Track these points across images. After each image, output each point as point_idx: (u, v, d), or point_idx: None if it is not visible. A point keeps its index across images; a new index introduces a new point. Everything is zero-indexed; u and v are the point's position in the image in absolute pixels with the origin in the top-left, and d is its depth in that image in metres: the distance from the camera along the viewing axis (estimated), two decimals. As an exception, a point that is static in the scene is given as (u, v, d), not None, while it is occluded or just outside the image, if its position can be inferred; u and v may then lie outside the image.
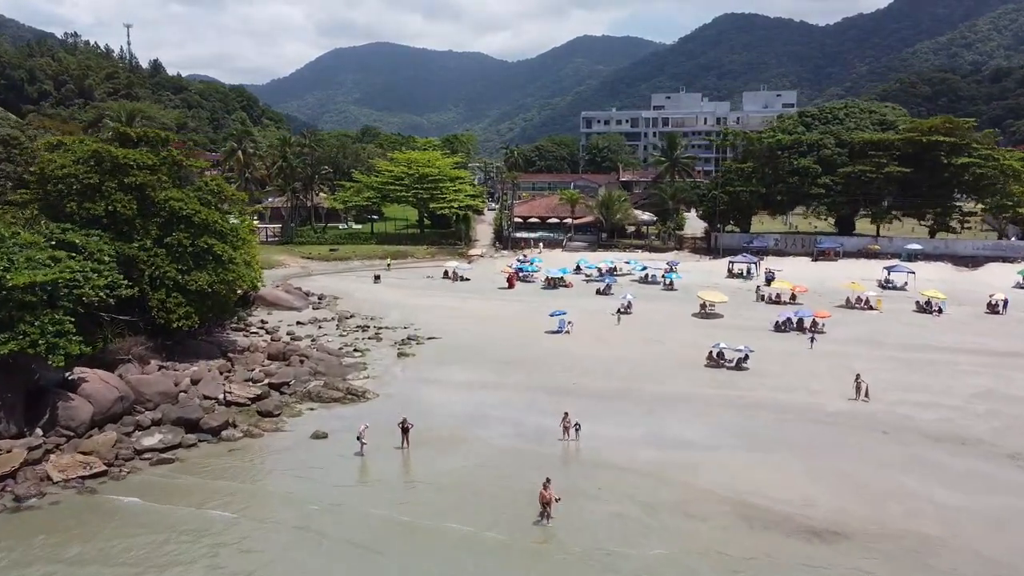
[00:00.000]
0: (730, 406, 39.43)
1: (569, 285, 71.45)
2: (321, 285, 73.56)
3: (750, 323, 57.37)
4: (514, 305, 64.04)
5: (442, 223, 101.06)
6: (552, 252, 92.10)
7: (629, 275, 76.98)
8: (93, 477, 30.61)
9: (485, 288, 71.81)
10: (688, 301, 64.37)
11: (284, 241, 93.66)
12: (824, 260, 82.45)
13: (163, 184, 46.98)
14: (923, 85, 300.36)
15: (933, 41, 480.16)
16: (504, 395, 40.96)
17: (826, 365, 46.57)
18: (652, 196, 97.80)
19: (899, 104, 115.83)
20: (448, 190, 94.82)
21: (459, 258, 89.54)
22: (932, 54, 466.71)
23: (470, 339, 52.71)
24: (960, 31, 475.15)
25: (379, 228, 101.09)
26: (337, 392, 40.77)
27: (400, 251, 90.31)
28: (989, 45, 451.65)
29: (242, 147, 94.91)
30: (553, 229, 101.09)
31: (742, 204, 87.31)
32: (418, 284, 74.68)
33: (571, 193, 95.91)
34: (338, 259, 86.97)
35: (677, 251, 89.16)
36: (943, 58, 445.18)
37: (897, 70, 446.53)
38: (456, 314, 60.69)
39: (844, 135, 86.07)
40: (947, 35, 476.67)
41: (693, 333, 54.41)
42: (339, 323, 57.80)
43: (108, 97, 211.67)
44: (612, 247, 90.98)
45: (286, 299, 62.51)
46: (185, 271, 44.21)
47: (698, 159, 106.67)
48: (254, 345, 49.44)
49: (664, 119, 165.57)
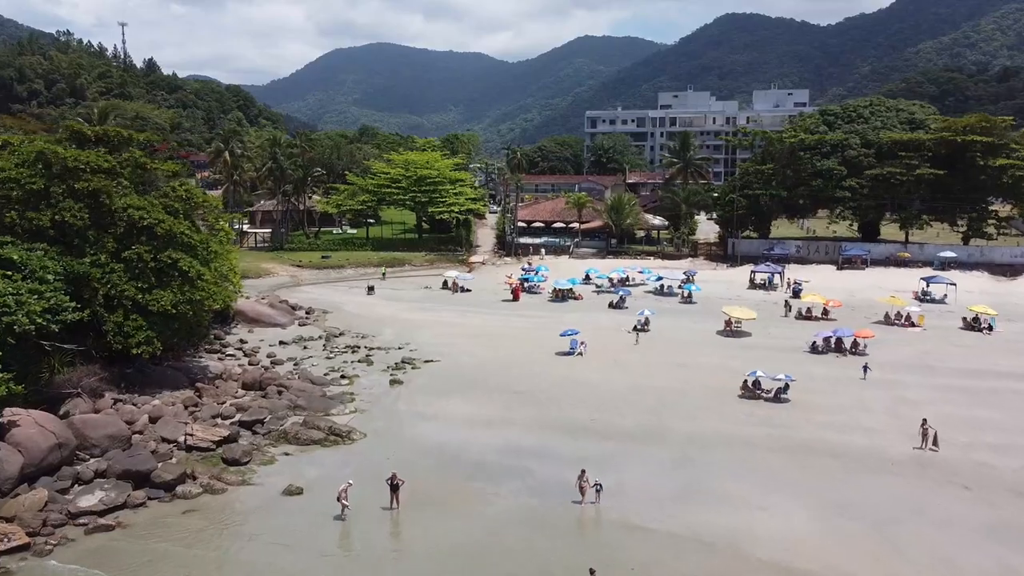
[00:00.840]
0: (776, 450, 33.59)
1: (579, 297, 65.53)
2: (310, 297, 67.67)
3: (781, 343, 51.45)
4: (520, 321, 58.13)
5: (442, 228, 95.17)
6: (558, 259, 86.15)
7: (642, 285, 71.05)
8: (10, 552, 24.77)
9: (488, 300, 65.90)
10: (710, 316, 58.50)
11: (274, 247, 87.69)
12: (850, 269, 76.54)
13: (122, 190, 41.14)
14: (929, 85, 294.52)
15: (936, 41, 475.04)
16: (512, 435, 35.10)
17: (876, 396, 40.68)
18: (664, 199, 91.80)
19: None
20: (448, 193, 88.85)
21: (459, 266, 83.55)
22: (935, 54, 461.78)
23: (472, 363, 46.81)
24: (963, 31, 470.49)
25: (375, 233, 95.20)
26: (318, 432, 34.87)
27: (397, 258, 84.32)
28: (992, 45, 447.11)
29: (229, 148, 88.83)
30: (558, 234, 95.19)
31: (761, 208, 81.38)
32: (415, 296, 68.75)
33: (578, 196, 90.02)
34: (330, 267, 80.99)
35: (692, 258, 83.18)
36: (946, 58, 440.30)
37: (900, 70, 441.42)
38: (456, 331, 54.79)
39: (870, 135, 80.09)
40: (950, 35, 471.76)
41: (720, 355, 48.50)
42: (327, 342, 51.92)
43: (100, 97, 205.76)
44: (622, 253, 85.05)
45: (269, 315, 56.61)
46: (146, 289, 38.45)
47: (709, 160, 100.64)
48: (228, 372, 43.53)
49: (672, 119, 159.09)
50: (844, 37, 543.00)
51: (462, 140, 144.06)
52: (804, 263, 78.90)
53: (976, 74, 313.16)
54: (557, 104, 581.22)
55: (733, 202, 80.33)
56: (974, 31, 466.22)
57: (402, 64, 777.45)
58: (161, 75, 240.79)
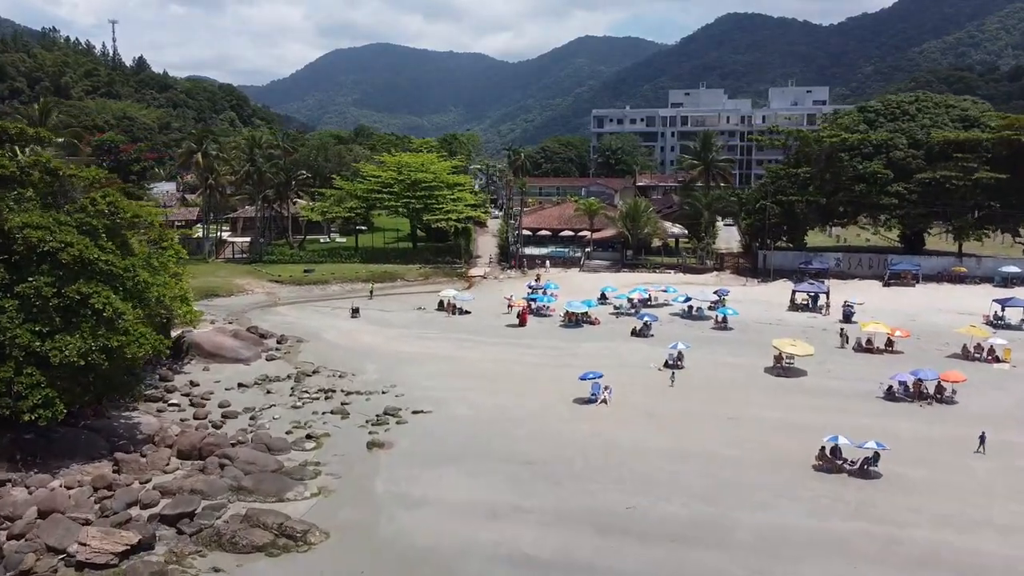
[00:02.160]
0: (887, 560, 24.30)
1: (595, 322, 56.07)
2: (286, 321, 58.30)
3: (846, 385, 42.08)
4: (529, 353, 48.69)
5: (439, 236, 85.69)
6: (567, 272, 76.80)
7: (666, 306, 61.74)
8: None
9: (490, 326, 56.51)
10: (751, 347, 49.25)
11: (252, 259, 78.22)
12: (898, 285, 67.24)
13: (21, 205, 31.83)
14: (939, 84, 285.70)
15: (940, 41, 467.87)
16: (525, 535, 25.81)
17: (991, 468, 31.30)
18: (683, 205, 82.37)
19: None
20: (445, 199, 79.35)
21: (457, 280, 74.28)
22: (940, 54, 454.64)
23: (471, 415, 37.47)
24: (967, 30, 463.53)
25: (366, 242, 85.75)
26: (263, 532, 25.56)
27: (387, 272, 74.86)
28: (998, 44, 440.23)
29: (202, 148, 79.29)
30: (566, 243, 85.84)
31: (796, 217, 72.00)
32: (406, 319, 59.29)
33: (590, 202, 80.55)
34: (313, 283, 71.51)
35: (717, 272, 73.83)
36: (951, 58, 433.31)
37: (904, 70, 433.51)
38: (453, 368, 45.43)
39: (918, 134, 70.64)
40: (954, 34, 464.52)
41: (777, 403, 39.15)
42: (296, 384, 42.56)
43: (86, 95, 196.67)
44: (638, 266, 75.68)
45: (231, 347, 47.22)
46: (46, 334, 29.20)
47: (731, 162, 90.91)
48: (163, 432, 34.13)
49: (683, 118, 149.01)
50: (847, 37, 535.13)
51: (461, 140, 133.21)
52: (844, 278, 69.56)
53: (986, 72, 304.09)
54: (558, 105, 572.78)
55: (765, 209, 70.90)
56: (979, 30, 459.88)
57: (402, 65, 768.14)
58: (151, 73, 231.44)
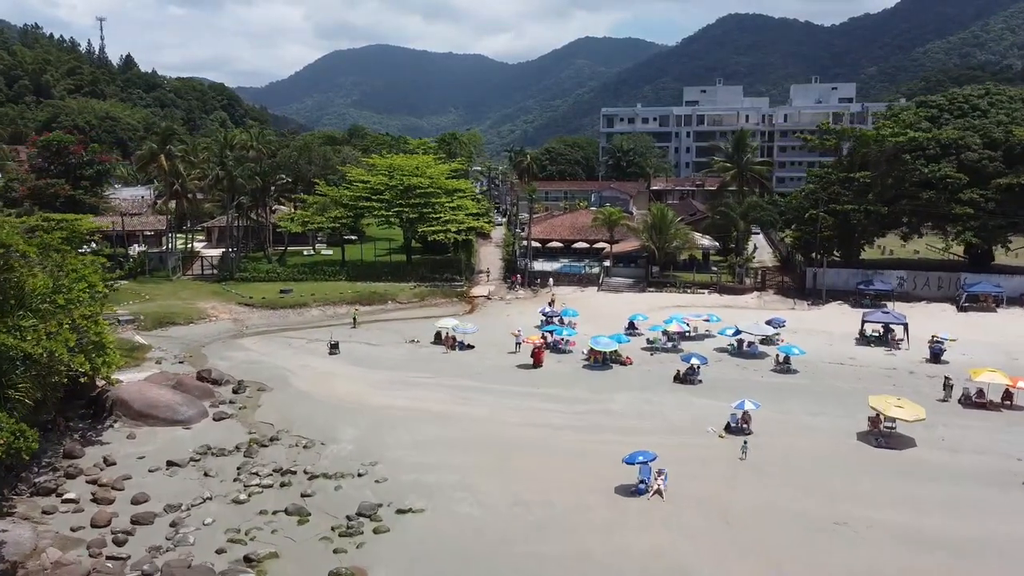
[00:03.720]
0: None
1: (627, 362, 45.25)
2: (249, 359, 47.53)
3: (973, 461, 31.40)
4: (549, 409, 37.95)
5: (436, 247, 74.74)
6: (584, 292, 66.08)
7: (708, 337, 51.08)
8: None
9: (498, 366, 45.77)
10: (828, 398, 38.74)
11: (222, 277, 67.37)
12: (976, 311, 56.56)
13: None
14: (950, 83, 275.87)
15: (944, 41, 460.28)
16: None
17: None
18: (716, 214, 71.61)
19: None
20: (443, 207, 68.38)
21: (458, 302, 63.62)
22: (944, 54, 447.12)
23: (478, 517, 26.79)
24: (972, 31, 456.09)
25: (355, 254, 74.92)
26: None
27: (377, 292, 64.02)
28: (1003, 44, 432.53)
29: (166, 150, 68.32)
30: (579, 256, 75.18)
31: (852, 228, 61.29)
32: (396, 357, 48.41)
33: (610, 211, 69.68)
34: (290, 306, 60.61)
35: (758, 292, 63.10)
36: (955, 58, 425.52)
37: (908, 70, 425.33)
38: (453, 433, 34.74)
39: (994, 132, 59.94)
40: (958, 35, 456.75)
41: (890, 493, 28.49)
42: (246, 459, 31.85)
43: (69, 95, 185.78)
44: (666, 285, 64.92)
45: (168, 404, 36.44)
46: None
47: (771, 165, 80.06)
48: (33, 559, 23.44)
49: (699, 116, 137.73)
50: (849, 37, 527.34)
51: (462, 140, 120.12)
52: (909, 300, 58.91)
53: (998, 72, 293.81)
54: (558, 106, 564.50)
55: (815, 220, 60.14)
56: (983, 31, 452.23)
57: (401, 66, 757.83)
58: (138, 72, 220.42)
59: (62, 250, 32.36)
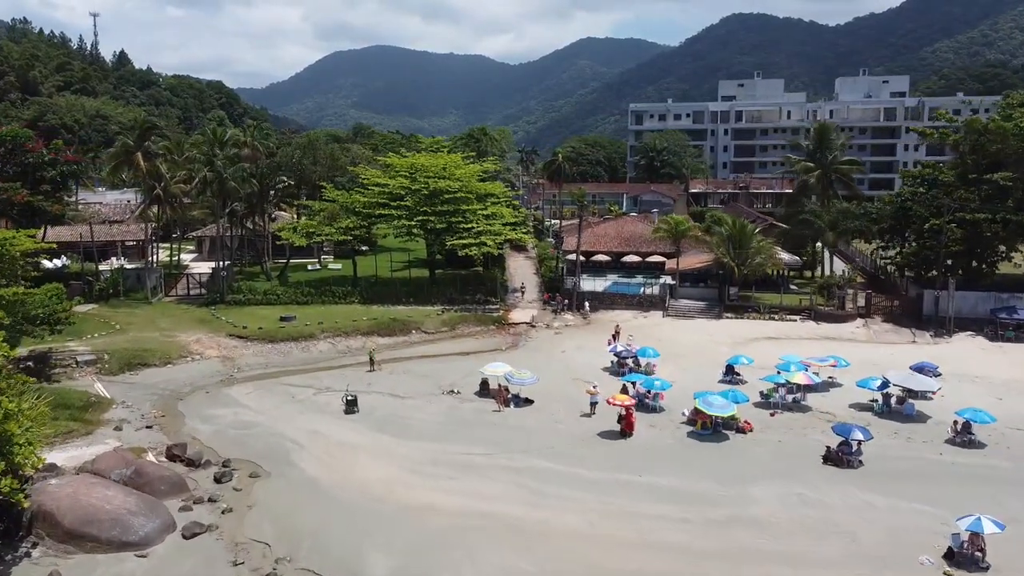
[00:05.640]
0: None
1: (745, 428, 33.29)
2: (240, 420, 35.51)
3: None
4: (666, 516, 26.01)
5: (461, 260, 62.63)
6: (648, 318, 54.18)
7: (832, 385, 39.24)
8: None
9: (573, 434, 33.87)
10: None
11: (211, 300, 55.39)
12: None
13: None
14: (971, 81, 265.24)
15: (952, 40, 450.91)
16: None
17: None
18: (795, 222, 59.65)
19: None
20: (475, 216, 56.57)
21: (496, 331, 51.73)
22: (953, 54, 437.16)
23: None
24: (980, 30, 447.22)
25: (367, 268, 63.08)
26: None
27: (397, 319, 51.99)
28: (1012, 43, 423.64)
29: (143, 147, 56.08)
30: (629, 271, 63.45)
31: (983, 241, 49.55)
32: (431, 417, 36.28)
33: (677, 219, 57.72)
34: (292, 338, 48.58)
35: (864, 320, 51.21)
36: (964, 58, 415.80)
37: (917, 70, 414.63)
38: (537, 565, 22.84)
39: None
40: (966, 34, 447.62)
41: None
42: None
43: (58, 92, 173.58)
44: (747, 310, 53.06)
45: (114, 515, 24.48)
46: None
47: (857, 165, 68.02)
48: None
49: (737, 112, 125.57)
50: (854, 37, 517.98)
51: (492, 137, 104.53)
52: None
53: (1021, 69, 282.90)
54: (560, 107, 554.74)
55: (940, 232, 48.31)
56: (992, 30, 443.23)
57: (401, 67, 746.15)
58: (132, 69, 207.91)
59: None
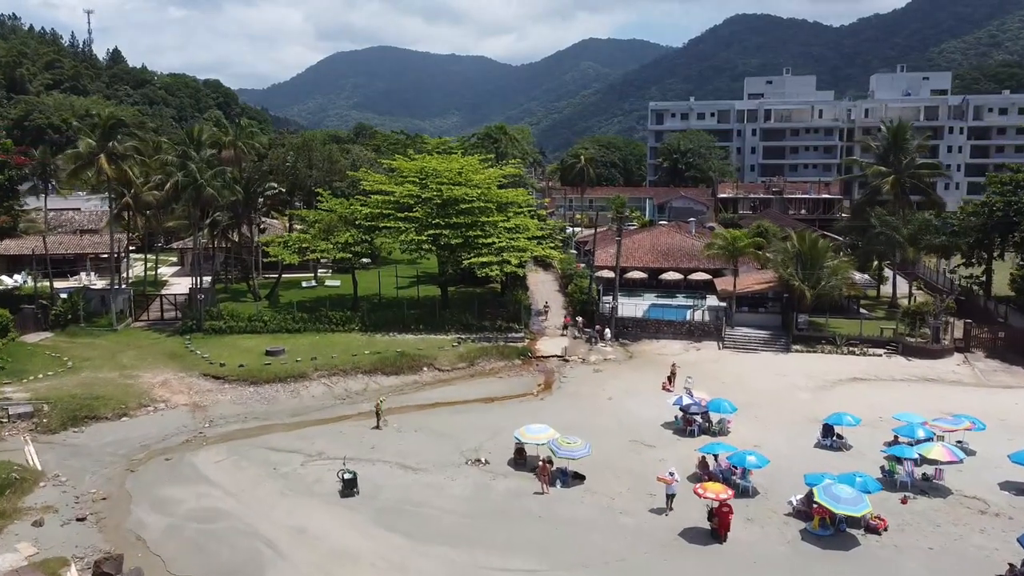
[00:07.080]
0: None
1: (879, 526, 24.49)
2: (203, 510, 26.70)
3: None
4: None
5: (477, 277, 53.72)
6: (701, 352, 45.45)
7: (964, 449, 30.46)
8: None
9: (644, 533, 25.14)
10: None
11: (185, 328, 46.70)
12: None
13: None
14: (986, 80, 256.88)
15: (960, 41, 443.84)
16: None
17: None
18: (873, 235, 50.74)
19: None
20: (497, 229, 47.80)
21: (522, 369, 43.00)
22: (960, 54, 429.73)
23: None
24: (987, 30, 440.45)
25: (369, 284, 54.48)
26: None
27: (404, 353, 43.18)
28: (1020, 43, 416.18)
29: (108, 147, 47.01)
30: (667, 289, 54.87)
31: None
32: (454, 504, 27.34)
33: (736, 233, 48.89)
34: (279, 379, 39.88)
35: (963, 355, 42.57)
36: (972, 58, 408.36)
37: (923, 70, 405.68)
38: None
39: None
40: (974, 34, 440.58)
41: None
42: None
43: (47, 90, 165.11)
44: (819, 340, 44.38)
45: None
46: None
47: (939, 169, 59.21)
48: None
49: (766, 111, 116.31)
50: (859, 38, 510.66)
51: (512, 136, 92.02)
52: None
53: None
54: (563, 108, 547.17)
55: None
56: (999, 30, 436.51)
57: (403, 68, 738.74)
58: (125, 67, 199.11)
59: None
